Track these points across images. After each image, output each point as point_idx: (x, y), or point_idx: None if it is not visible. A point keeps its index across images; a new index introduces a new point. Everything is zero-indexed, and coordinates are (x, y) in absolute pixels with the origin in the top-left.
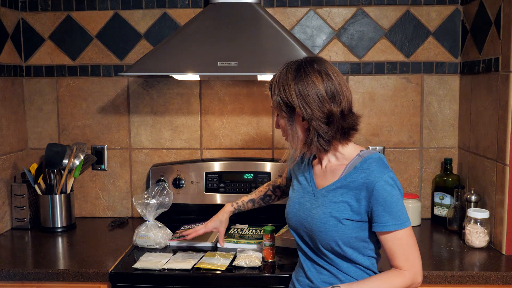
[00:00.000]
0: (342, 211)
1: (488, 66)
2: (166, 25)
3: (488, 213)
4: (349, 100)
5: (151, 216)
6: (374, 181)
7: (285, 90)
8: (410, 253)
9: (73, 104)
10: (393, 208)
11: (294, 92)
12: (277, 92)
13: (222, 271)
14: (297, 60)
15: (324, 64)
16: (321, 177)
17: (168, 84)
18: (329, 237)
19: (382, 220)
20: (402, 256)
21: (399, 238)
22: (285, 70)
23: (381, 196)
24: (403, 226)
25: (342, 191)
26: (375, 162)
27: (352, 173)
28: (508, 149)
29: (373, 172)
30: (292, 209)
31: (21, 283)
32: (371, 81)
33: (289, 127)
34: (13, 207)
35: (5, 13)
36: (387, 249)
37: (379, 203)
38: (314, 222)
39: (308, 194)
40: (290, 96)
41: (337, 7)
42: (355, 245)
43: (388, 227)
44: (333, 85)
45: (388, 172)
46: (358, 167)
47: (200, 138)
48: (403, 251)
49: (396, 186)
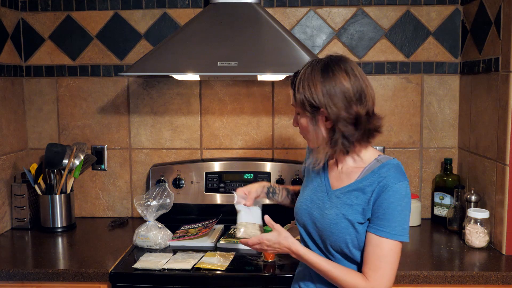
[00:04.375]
0: (355, 214)
1: (488, 66)
2: (166, 25)
3: (488, 213)
4: (373, 100)
5: (152, 217)
6: (387, 185)
7: (310, 89)
8: (384, 269)
9: (73, 104)
10: (394, 217)
11: (320, 91)
12: (302, 90)
13: (222, 271)
14: (322, 59)
15: (350, 64)
16: (336, 178)
17: (168, 84)
18: (340, 238)
19: (378, 223)
20: (373, 265)
21: (382, 248)
22: (310, 69)
23: (388, 200)
24: (394, 238)
25: (357, 194)
26: (393, 168)
27: (369, 177)
28: (508, 149)
29: (388, 177)
30: (303, 205)
31: (21, 283)
32: (371, 81)
33: (312, 127)
34: (13, 207)
35: (5, 13)
36: (365, 251)
37: (382, 207)
38: (326, 223)
39: (322, 193)
40: (316, 96)
41: (337, 7)
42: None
43: (380, 232)
44: (360, 85)
45: (404, 180)
46: (376, 171)
47: (200, 138)
48: (377, 261)
49: (406, 197)
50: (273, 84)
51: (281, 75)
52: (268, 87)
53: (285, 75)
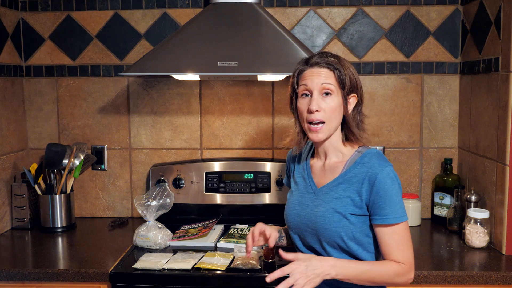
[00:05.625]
0: (345, 206)
1: (488, 66)
2: (166, 25)
3: (488, 213)
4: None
5: (152, 217)
6: (376, 174)
7: (352, 71)
8: (406, 248)
9: (73, 104)
10: (393, 201)
11: (357, 75)
12: (347, 70)
13: (222, 271)
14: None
15: None
16: (320, 175)
17: (168, 84)
18: (334, 233)
19: (383, 213)
20: (399, 250)
21: (397, 232)
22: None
23: (382, 188)
24: (402, 219)
25: (344, 186)
26: (375, 156)
27: (353, 168)
28: (508, 149)
29: (374, 165)
30: (292, 210)
31: (21, 283)
32: (371, 81)
33: (338, 109)
34: (13, 207)
35: (5, 13)
36: (384, 243)
37: (380, 196)
38: (317, 220)
39: (308, 193)
40: (357, 79)
41: (337, 7)
42: (360, 239)
43: (388, 220)
44: None
45: (389, 165)
46: (358, 161)
47: (200, 138)
48: (399, 245)
49: (396, 179)
50: (273, 84)
51: (281, 75)
52: (268, 87)
53: (285, 75)
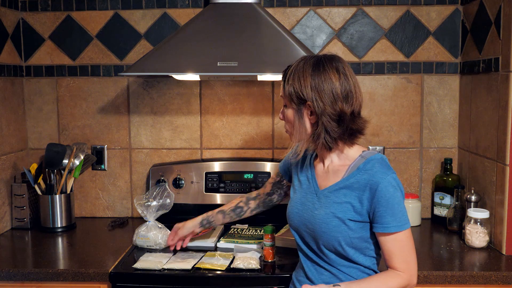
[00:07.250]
0: (345, 211)
1: (488, 66)
2: (166, 25)
3: (488, 213)
4: (360, 103)
5: (152, 217)
6: (378, 182)
7: (300, 81)
8: (408, 255)
9: (73, 104)
10: (395, 210)
11: (309, 85)
12: (291, 82)
13: (222, 271)
14: (316, 55)
15: (342, 63)
16: (323, 177)
17: (168, 84)
18: (332, 237)
19: (384, 221)
20: (400, 257)
21: (399, 240)
22: (303, 63)
23: (384, 197)
24: (404, 228)
25: (345, 191)
26: (378, 163)
27: (355, 174)
28: (508, 149)
29: (376, 173)
30: (294, 209)
31: (21, 283)
32: (371, 81)
33: (297, 119)
34: (13, 207)
35: (5, 13)
36: (386, 250)
37: (381, 204)
38: (317, 223)
39: (311, 194)
40: (305, 89)
41: (337, 7)
42: (358, 245)
43: (389, 228)
44: (349, 85)
45: (391, 173)
46: (361, 168)
47: (200, 138)
48: (401, 253)
49: (399, 187)
50: (273, 84)
51: (281, 75)
52: (268, 87)
53: None
